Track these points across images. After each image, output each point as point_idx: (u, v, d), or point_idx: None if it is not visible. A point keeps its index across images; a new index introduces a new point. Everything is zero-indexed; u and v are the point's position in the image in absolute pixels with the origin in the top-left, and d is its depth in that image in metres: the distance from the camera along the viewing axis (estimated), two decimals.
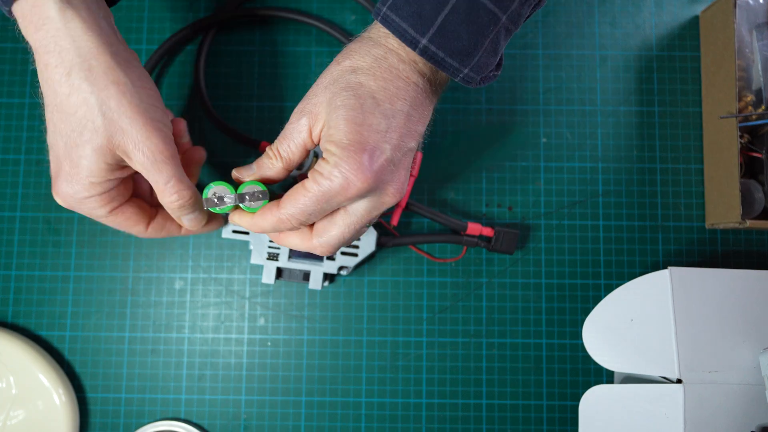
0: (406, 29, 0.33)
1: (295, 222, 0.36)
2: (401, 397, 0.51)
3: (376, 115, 0.34)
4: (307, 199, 0.34)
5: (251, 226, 0.38)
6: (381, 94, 0.34)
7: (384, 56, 0.35)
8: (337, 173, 0.33)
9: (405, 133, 0.35)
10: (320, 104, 0.35)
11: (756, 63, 0.50)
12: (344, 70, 0.35)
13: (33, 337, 0.51)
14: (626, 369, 0.45)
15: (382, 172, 0.34)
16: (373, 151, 0.33)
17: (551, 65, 0.54)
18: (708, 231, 0.53)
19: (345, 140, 0.33)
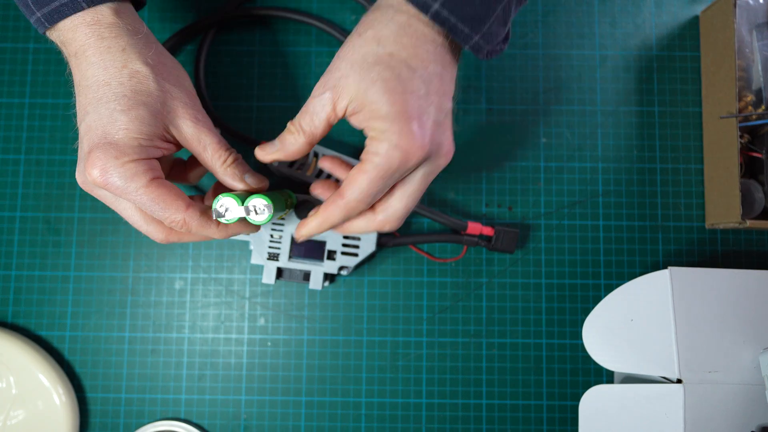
0: None
1: (363, 205, 0.36)
2: (401, 397, 0.51)
3: (415, 81, 0.34)
4: (370, 180, 0.35)
5: (321, 225, 0.38)
6: (413, 60, 0.34)
7: (408, 23, 0.34)
8: (393, 147, 0.34)
9: (443, 93, 0.36)
10: (347, 79, 0.34)
11: (756, 63, 0.50)
12: (368, 41, 0.34)
13: (33, 337, 0.51)
14: (626, 369, 0.45)
15: (433, 135, 0.35)
16: (420, 117, 0.34)
17: (551, 65, 0.54)
18: (708, 231, 0.53)
19: (392, 113, 0.33)
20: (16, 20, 0.54)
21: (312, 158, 0.49)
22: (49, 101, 0.53)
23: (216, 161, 0.38)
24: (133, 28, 0.37)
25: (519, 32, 0.55)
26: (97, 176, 0.35)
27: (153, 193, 0.35)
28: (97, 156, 0.34)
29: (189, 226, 0.37)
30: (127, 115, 0.35)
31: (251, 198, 0.37)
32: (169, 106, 0.37)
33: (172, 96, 0.37)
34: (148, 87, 0.36)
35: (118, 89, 0.35)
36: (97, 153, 0.34)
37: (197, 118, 0.38)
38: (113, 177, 0.35)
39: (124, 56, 0.36)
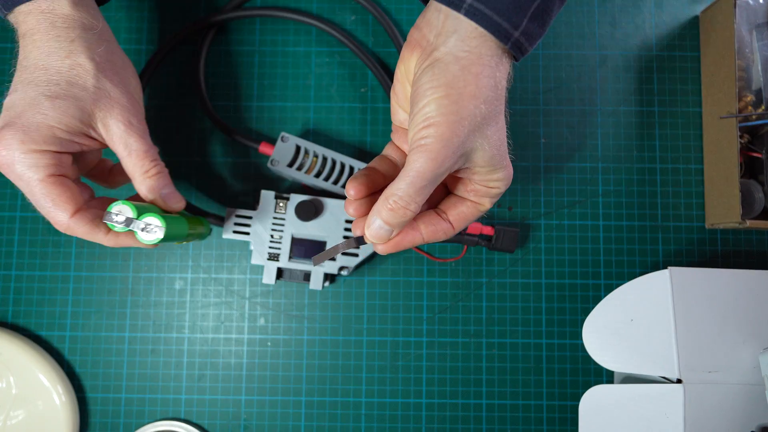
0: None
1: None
2: (401, 397, 0.51)
3: (501, 120, 0.35)
4: (477, 216, 0.37)
5: (416, 243, 0.37)
6: (501, 104, 0.35)
7: (479, 63, 0.33)
8: (504, 186, 0.36)
9: None
10: (476, 153, 0.34)
11: (756, 63, 0.50)
12: (466, 100, 0.33)
13: (33, 337, 0.51)
14: (626, 369, 0.45)
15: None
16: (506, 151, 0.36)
17: (551, 65, 0.54)
18: (708, 231, 0.53)
19: (504, 164, 0.35)
20: None
21: (312, 158, 0.49)
22: None
23: (137, 168, 0.39)
24: (89, 23, 0.38)
25: None
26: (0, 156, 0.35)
27: (45, 189, 0.35)
28: (4, 136, 0.35)
29: (73, 231, 0.37)
30: (51, 102, 0.35)
31: (148, 214, 0.37)
32: (103, 105, 0.37)
33: (109, 95, 0.37)
34: (86, 82, 0.36)
35: (53, 76, 0.36)
36: (7, 133, 0.35)
37: (130, 122, 0.38)
38: (15, 163, 0.35)
39: (71, 47, 0.36)
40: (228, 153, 0.53)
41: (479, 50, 0.32)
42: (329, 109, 0.54)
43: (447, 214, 0.37)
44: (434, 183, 0.33)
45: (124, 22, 0.54)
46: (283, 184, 0.53)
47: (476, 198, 0.37)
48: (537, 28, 0.33)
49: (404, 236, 0.36)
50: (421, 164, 0.32)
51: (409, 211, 0.33)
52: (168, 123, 0.53)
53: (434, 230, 0.37)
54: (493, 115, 0.33)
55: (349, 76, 0.54)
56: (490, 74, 0.33)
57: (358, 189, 0.36)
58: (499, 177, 0.35)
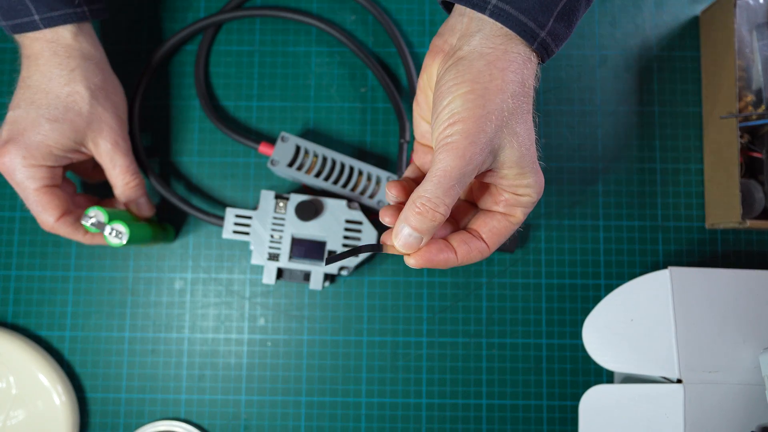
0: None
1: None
2: (401, 397, 0.51)
3: (530, 120, 0.34)
4: (512, 231, 0.35)
5: (450, 264, 0.34)
6: (528, 98, 0.33)
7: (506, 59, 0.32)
8: (537, 197, 0.34)
9: None
10: (503, 152, 0.32)
11: (756, 63, 0.50)
12: (493, 95, 0.31)
13: (33, 337, 0.51)
14: (626, 369, 0.45)
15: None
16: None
17: (551, 65, 0.54)
18: (708, 231, 0.53)
19: (535, 168, 0.33)
20: None
21: (312, 158, 0.49)
22: None
23: (119, 180, 0.46)
24: (87, 52, 0.44)
25: None
26: (2, 165, 0.42)
27: (37, 197, 0.43)
28: (10, 149, 0.41)
29: (57, 231, 0.44)
30: (50, 125, 0.42)
31: (117, 221, 0.44)
32: (94, 127, 0.44)
33: (100, 119, 0.44)
34: (81, 108, 0.43)
35: (53, 100, 0.42)
36: (11, 147, 0.41)
37: (116, 142, 0.45)
38: (15, 172, 0.42)
39: (70, 75, 0.42)
40: (228, 153, 0.53)
41: (504, 46, 0.31)
42: (329, 109, 0.54)
43: (479, 232, 0.35)
44: (462, 183, 0.31)
45: (124, 22, 0.54)
46: (283, 184, 0.53)
47: (506, 209, 0.34)
48: (564, 28, 0.32)
49: (438, 253, 0.33)
50: (448, 162, 0.30)
51: (438, 213, 0.31)
52: (168, 123, 0.53)
53: (468, 249, 0.34)
54: (520, 112, 0.32)
55: (349, 76, 0.54)
56: (516, 69, 0.31)
57: (398, 191, 0.34)
58: (529, 183, 0.33)
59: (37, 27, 0.41)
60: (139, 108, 0.52)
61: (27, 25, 0.41)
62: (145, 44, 0.54)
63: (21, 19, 0.41)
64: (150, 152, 0.53)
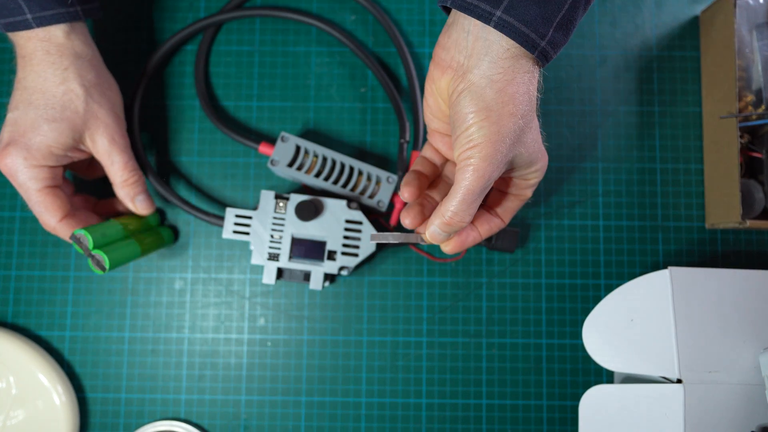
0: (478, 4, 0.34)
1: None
2: (401, 397, 0.51)
3: (535, 119, 0.38)
4: (522, 204, 0.43)
5: (469, 243, 0.42)
6: (532, 106, 0.37)
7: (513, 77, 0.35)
8: (541, 174, 0.40)
9: None
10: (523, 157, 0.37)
11: (756, 63, 0.50)
12: (505, 117, 0.35)
13: (33, 337, 0.51)
14: (626, 369, 0.45)
15: None
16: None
17: (551, 65, 0.54)
18: (708, 231, 0.53)
19: (543, 161, 0.40)
20: None
21: (312, 158, 0.49)
22: None
23: (118, 177, 0.46)
24: (80, 50, 0.44)
25: None
26: (5, 167, 0.42)
27: (40, 198, 0.43)
28: (11, 152, 0.42)
29: (57, 233, 0.45)
30: (49, 125, 0.42)
31: (98, 251, 0.44)
32: (91, 124, 0.44)
33: (96, 116, 0.44)
34: (77, 106, 0.43)
35: (50, 100, 0.42)
36: (12, 149, 0.42)
37: (113, 139, 0.45)
38: (18, 173, 0.42)
39: (64, 74, 0.43)
40: (228, 153, 0.53)
41: (512, 71, 0.34)
42: (329, 109, 0.54)
43: (495, 211, 0.42)
44: (482, 195, 0.36)
45: (124, 22, 0.54)
46: (283, 184, 0.53)
47: (518, 191, 0.42)
48: (562, 36, 0.35)
49: (466, 237, 0.41)
50: (470, 182, 0.35)
51: (464, 222, 0.37)
52: (168, 123, 0.53)
53: (489, 228, 0.42)
54: (528, 125, 0.36)
55: (349, 76, 0.54)
56: (525, 91, 0.35)
57: (412, 191, 0.40)
58: (536, 168, 0.39)
59: (29, 26, 0.41)
60: (138, 108, 0.52)
61: (19, 24, 0.41)
62: (145, 44, 0.54)
63: (14, 18, 0.41)
64: (150, 152, 0.53)
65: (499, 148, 0.34)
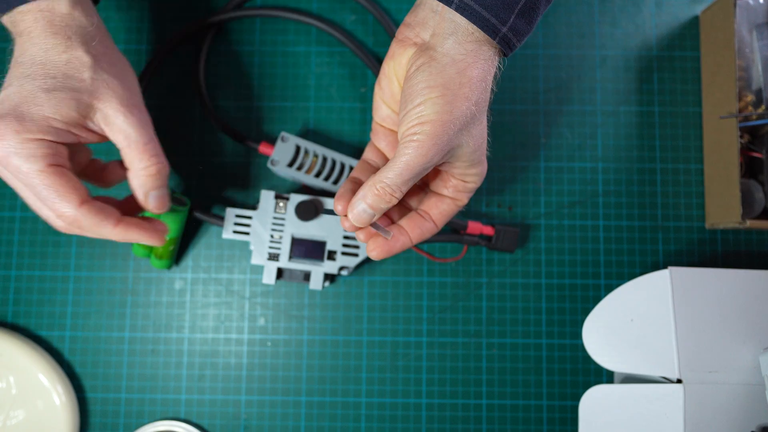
0: None
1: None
2: (401, 397, 0.51)
3: (484, 119, 0.38)
4: (457, 210, 0.41)
5: (394, 252, 0.40)
6: (484, 100, 0.37)
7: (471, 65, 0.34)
8: (480, 182, 0.39)
9: None
10: (460, 149, 0.36)
11: (756, 63, 0.50)
12: (459, 100, 0.34)
13: (33, 337, 0.51)
14: (626, 369, 0.45)
15: None
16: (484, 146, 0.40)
17: (551, 65, 0.54)
18: (708, 231, 0.53)
19: (483, 160, 0.38)
20: None
21: (312, 158, 0.49)
22: None
23: (135, 162, 0.37)
24: (86, 20, 0.37)
25: None
26: None
27: (48, 180, 0.34)
28: (1, 124, 0.33)
29: (80, 224, 0.35)
30: (47, 94, 0.34)
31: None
32: (100, 95, 0.36)
33: (107, 86, 0.36)
34: (83, 74, 0.36)
35: (50, 70, 0.35)
36: (2, 122, 0.33)
37: (129, 112, 0.37)
38: (10, 152, 0.33)
39: (68, 43, 0.36)
40: (228, 153, 0.53)
41: (474, 54, 0.34)
42: (329, 109, 0.54)
43: (429, 214, 0.40)
44: (419, 176, 0.35)
45: (125, 22, 0.54)
46: (283, 184, 0.53)
47: (454, 194, 0.39)
48: (524, 24, 0.34)
49: (395, 242, 0.39)
50: (411, 158, 0.34)
51: (394, 197, 0.35)
52: (168, 123, 0.53)
53: (421, 232, 0.40)
54: (479, 115, 0.35)
55: (349, 76, 0.54)
56: (482, 78, 0.34)
57: (345, 206, 0.37)
58: (476, 172, 0.38)
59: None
60: None
61: None
62: (145, 44, 0.54)
63: None
64: None
65: (447, 130, 0.33)
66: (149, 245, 0.42)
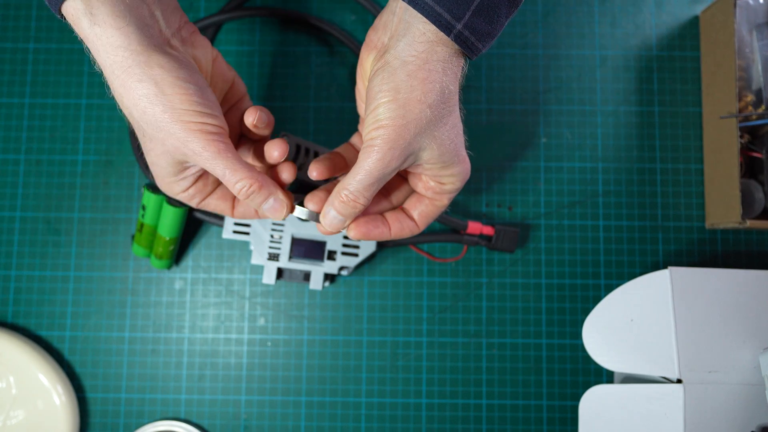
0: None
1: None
2: (401, 397, 0.51)
3: (456, 119, 0.37)
4: (438, 214, 0.41)
5: (401, 234, 0.41)
6: (452, 101, 0.36)
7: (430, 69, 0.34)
8: (461, 184, 0.38)
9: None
10: (424, 152, 0.35)
11: (756, 63, 0.50)
12: (414, 103, 0.34)
13: (33, 337, 0.51)
14: (626, 369, 0.45)
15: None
16: (463, 148, 0.39)
17: (551, 65, 0.54)
18: (708, 231, 0.53)
19: (458, 161, 0.37)
20: (16, 20, 0.54)
21: (312, 158, 0.49)
22: (49, 101, 0.53)
23: (233, 191, 0.36)
24: (121, 39, 0.32)
25: (519, 32, 0.55)
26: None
27: (206, 207, 0.40)
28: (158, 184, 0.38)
29: (244, 218, 0.41)
30: (149, 158, 0.36)
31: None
32: (175, 131, 0.33)
33: (170, 133, 0.34)
34: (157, 120, 0.33)
35: (138, 121, 0.34)
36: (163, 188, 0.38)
37: (198, 153, 0.34)
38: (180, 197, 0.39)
39: (123, 76, 0.32)
40: None
41: (425, 55, 0.33)
42: (329, 109, 0.54)
43: (411, 214, 0.40)
44: (382, 181, 0.35)
45: None
46: None
47: (434, 195, 0.39)
48: (484, 24, 0.33)
49: (374, 228, 0.39)
50: (370, 164, 0.34)
51: (359, 204, 0.36)
52: None
53: (401, 227, 0.40)
54: (440, 118, 0.34)
55: (349, 76, 0.54)
56: (436, 79, 0.34)
57: (320, 170, 0.38)
58: (451, 173, 0.37)
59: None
60: None
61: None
62: None
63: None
64: None
65: (402, 134, 0.33)
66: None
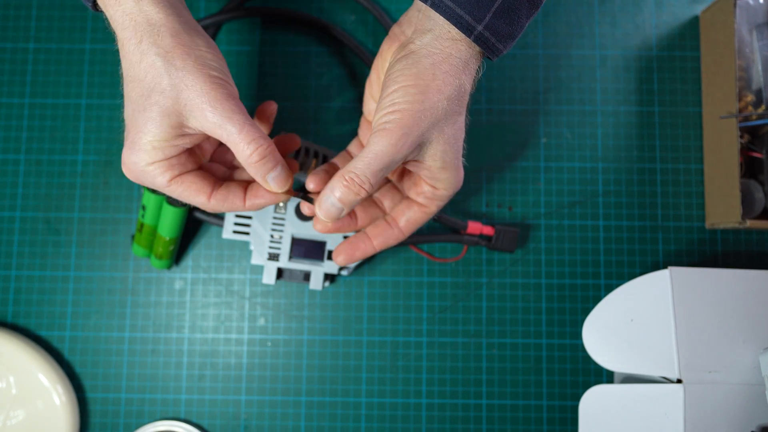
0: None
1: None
2: (401, 397, 0.51)
3: (460, 126, 0.38)
4: (427, 219, 0.41)
5: (364, 255, 0.43)
6: (462, 101, 0.37)
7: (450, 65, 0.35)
8: (453, 191, 0.39)
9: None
10: (430, 145, 0.36)
11: (756, 63, 0.50)
12: (433, 96, 0.35)
13: (33, 337, 0.51)
14: (626, 369, 0.45)
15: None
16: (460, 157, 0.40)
17: (551, 65, 0.54)
18: (708, 231, 0.53)
19: (454, 166, 0.38)
20: (16, 20, 0.54)
21: (312, 158, 0.49)
22: (49, 101, 0.53)
23: (240, 154, 0.36)
24: (152, 16, 0.35)
25: None
26: (127, 175, 0.37)
27: (176, 191, 0.37)
28: (124, 155, 0.36)
29: (216, 210, 0.39)
30: (142, 116, 0.35)
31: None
32: (184, 100, 0.34)
33: (186, 86, 0.34)
34: (161, 83, 0.34)
35: (138, 88, 0.35)
36: (124, 153, 0.36)
37: (213, 107, 0.34)
38: (141, 178, 0.37)
39: (140, 48, 0.34)
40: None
41: (449, 51, 0.34)
42: (329, 109, 0.54)
43: (396, 222, 0.41)
44: (389, 168, 0.35)
45: None
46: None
47: (424, 201, 0.39)
48: (505, 25, 0.34)
49: (357, 248, 0.40)
50: (381, 147, 0.34)
51: (363, 190, 0.35)
52: None
53: (384, 240, 0.41)
54: (452, 114, 0.35)
55: (349, 75, 0.54)
56: (456, 74, 0.34)
57: (317, 182, 0.38)
58: (446, 176, 0.37)
59: None
60: None
61: None
62: None
63: None
64: None
65: (417, 120, 0.34)
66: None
